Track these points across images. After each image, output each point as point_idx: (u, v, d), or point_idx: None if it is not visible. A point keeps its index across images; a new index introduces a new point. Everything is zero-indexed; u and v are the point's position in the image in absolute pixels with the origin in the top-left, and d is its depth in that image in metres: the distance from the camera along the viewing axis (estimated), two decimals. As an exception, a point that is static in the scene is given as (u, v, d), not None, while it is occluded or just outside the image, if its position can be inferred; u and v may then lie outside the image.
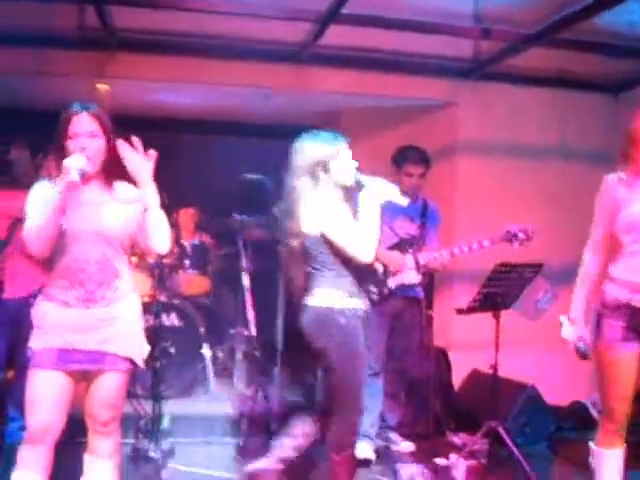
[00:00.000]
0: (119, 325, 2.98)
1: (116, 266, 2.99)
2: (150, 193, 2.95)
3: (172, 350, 5.26)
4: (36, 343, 2.93)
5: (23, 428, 2.98)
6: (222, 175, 6.51)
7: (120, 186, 3.04)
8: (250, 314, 5.17)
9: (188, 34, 5.19)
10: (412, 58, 5.60)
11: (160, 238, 3.00)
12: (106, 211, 2.97)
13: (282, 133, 7.25)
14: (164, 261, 5.42)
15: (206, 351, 5.43)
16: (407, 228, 4.80)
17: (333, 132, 3.55)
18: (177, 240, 5.59)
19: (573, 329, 3.45)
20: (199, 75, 5.43)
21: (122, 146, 2.91)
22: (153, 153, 2.94)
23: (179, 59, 5.34)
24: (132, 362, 3.02)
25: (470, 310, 4.57)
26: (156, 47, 5.24)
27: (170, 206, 5.94)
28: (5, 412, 4.23)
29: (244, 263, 5.30)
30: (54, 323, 2.92)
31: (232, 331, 5.66)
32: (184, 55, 5.32)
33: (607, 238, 3.40)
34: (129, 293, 3.06)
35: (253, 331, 5.16)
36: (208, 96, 6.09)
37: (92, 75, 5.31)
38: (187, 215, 6.30)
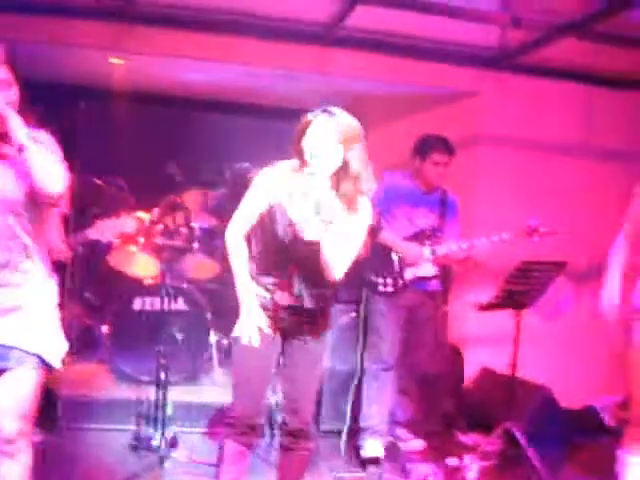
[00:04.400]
0: (25, 315, 2.58)
1: (24, 242, 2.58)
2: (15, 128, 2.46)
3: (178, 335, 5.10)
4: None
5: None
6: (237, 157, 6.36)
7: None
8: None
9: (209, 9, 4.98)
10: (436, 44, 5.40)
11: (45, 177, 2.50)
12: (12, 171, 2.55)
13: (298, 116, 7.25)
14: (172, 243, 5.26)
15: (212, 338, 5.27)
16: (425, 218, 4.64)
17: None
18: (187, 222, 5.42)
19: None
20: (218, 53, 5.21)
21: None
22: None
23: (199, 35, 5.12)
24: (44, 362, 2.61)
25: (490, 307, 4.41)
26: (175, 22, 5.02)
27: (182, 185, 5.92)
28: None
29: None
30: None
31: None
32: (204, 31, 5.10)
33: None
34: (41, 277, 2.66)
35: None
36: (227, 75, 5.88)
37: (107, 48, 5.09)
38: (195, 197, 6.12)
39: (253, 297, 3.10)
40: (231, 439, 3.15)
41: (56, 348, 2.68)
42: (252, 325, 3.06)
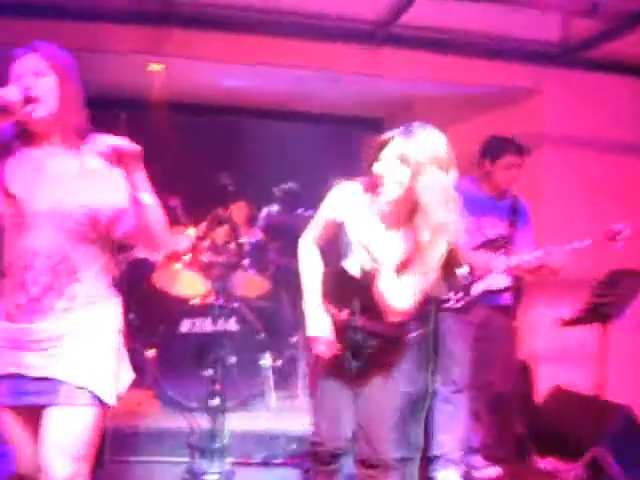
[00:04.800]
0: (76, 344, 2.31)
1: (76, 264, 2.33)
2: (140, 179, 2.30)
3: (229, 358, 4.77)
4: None
5: None
6: (282, 167, 6.06)
7: (89, 148, 2.34)
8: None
9: (254, 9, 4.67)
10: (495, 40, 5.06)
11: (155, 239, 2.39)
12: (65, 182, 2.32)
13: (347, 122, 7.01)
14: (220, 259, 4.95)
15: (267, 360, 4.94)
16: (495, 227, 4.32)
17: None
18: (235, 237, 5.10)
19: None
20: (264, 55, 4.91)
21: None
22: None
23: (242, 37, 4.81)
24: (97, 398, 2.32)
25: (575, 322, 4.05)
26: (218, 23, 4.72)
27: (232, 197, 5.61)
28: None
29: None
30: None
31: (294, 339, 5.17)
32: (247, 33, 4.80)
33: None
34: (95, 303, 2.38)
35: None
36: (270, 79, 5.57)
37: (146, 53, 4.79)
38: (241, 209, 5.80)
39: (322, 312, 2.93)
40: (316, 470, 3.02)
41: (111, 382, 2.38)
42: (323, 342, 2.91)
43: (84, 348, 2.33)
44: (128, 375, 2.50)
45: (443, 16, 4.74)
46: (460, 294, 4.18)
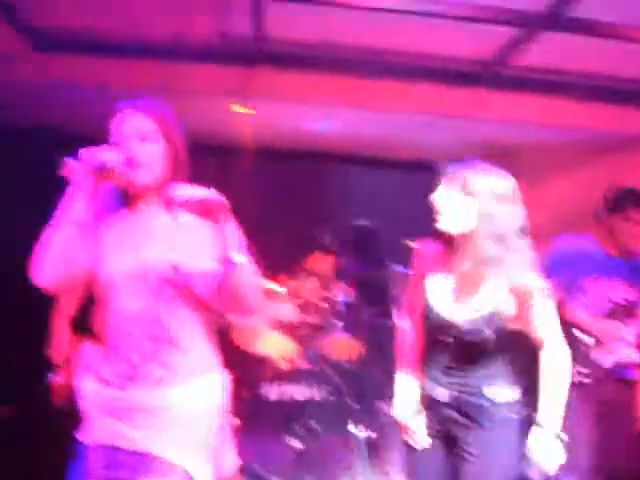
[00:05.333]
0: (172, 420, 2.16)
1: (174, 330, 2.18)
2: (230, 234, 2.13)
3: (316, 428, 4.35)
4: (81, 434, 2.21)
5: None
6: (369, 216, 5.67)
7: (178, 202, 2.16)
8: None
9: (348, 47, 4.32)
10: (609, 81, 4.61)
11: (246, 303, 2.19)
12: (157, 241, 2.19)
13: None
14: (308, 318, 4.55)
15: (358, 431, 4.47)
16: (623, 292, 3.83)
17: None
18: (325, 294, 4.67)
19: None
20: (355, 97, 4.54)
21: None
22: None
23: (331, 77, 4.49)
24: (191, 478, 2.17)
25: None
26: (308, 63, 4.40)
27: (324, 249, 5.21)
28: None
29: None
30: (94, 408, 2.20)
31: (386, 408, 4.68)
32: (338, 72, 4.47)
33: None
34: (195, 375, 2.22)
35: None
36: (362, 123, 5.20)
37: (230, 94, 4.48)
38: (326, 261, 5.35)
39: (412, 388, 2.77)
40: None
41: (208, 462, 2.21)
42: (412, 427, 2.74)
43: (182, 424, 2.19)
44: (232, 460, 2.35)
45: (553, 56, 4.31)
46: (585, 368, 3.71)
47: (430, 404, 2.71)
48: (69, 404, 3.47)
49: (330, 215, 5.82)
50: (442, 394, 2.66)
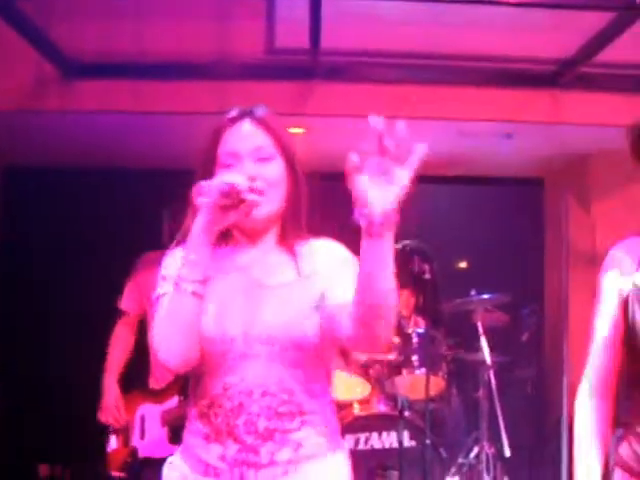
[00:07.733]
0: None
1: (302, 403, 1.72)
2: (386, 251, 1.47)
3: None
4: None
5: None
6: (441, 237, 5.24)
7: (308, 249, 1.79)
8: (501, 427, 4.03)
9: (405, 53, 4.00)
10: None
11: (377, 332, 1.57)
12: (283, 297, 1.72)
13: (503, 183, 6.13)
14: (381, 357, 4.12)
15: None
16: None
17: None
18: (399, 329, 4.21)
19: None
20: (418, 107, 4.13)
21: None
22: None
23: (394, 88, 4.11)
24: None
25: None
26: (365, 74, 4.08)
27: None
28: None
29: (487, 357, 4.16)
30: None
31: (475, 449, 4.24)
32: (401, 83, 4.11)
33: None
34: (322, 455, 1.75)
35: (507, 452, 3.99)
36: (433, 136, 4.75)
37: (284, 112, 4.11)
38: (403, 295, 4.87)
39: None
40: None
41: None
42: None
43: None
44: None
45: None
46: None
47: None
48: (124, 473, 3.16)
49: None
50: None
